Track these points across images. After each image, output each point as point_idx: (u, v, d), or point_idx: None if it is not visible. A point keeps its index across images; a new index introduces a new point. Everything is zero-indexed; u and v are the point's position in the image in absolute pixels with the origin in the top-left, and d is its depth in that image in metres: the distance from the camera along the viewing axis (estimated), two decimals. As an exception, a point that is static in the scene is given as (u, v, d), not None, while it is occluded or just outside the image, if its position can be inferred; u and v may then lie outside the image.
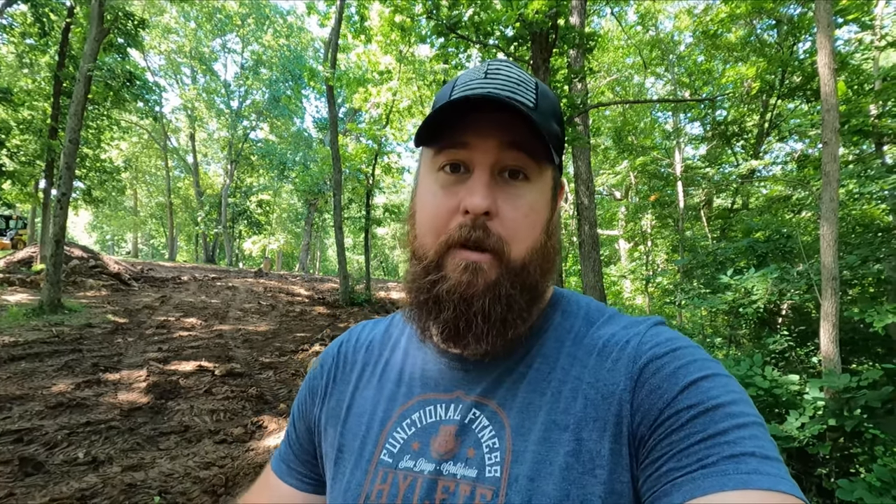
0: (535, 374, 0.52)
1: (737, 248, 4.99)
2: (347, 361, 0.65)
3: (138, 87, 9.25)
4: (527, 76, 0.54)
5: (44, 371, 5.01)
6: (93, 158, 14.23)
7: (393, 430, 0.55)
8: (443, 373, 0.57)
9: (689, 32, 14.95)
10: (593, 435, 0.46)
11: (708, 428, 0.41)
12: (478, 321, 0.49)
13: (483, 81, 0.52)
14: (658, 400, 0.44)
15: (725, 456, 0.39)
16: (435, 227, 0.52)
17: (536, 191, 0.52)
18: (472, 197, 0.49)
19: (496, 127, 0.50)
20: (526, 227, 0.51)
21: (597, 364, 0.50)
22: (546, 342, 0.54)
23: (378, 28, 11.81)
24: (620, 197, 18.40)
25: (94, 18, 7.50)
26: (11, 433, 3.54)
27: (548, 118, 0.52)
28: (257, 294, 11.99)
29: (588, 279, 8.81)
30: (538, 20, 6.08)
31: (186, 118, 27.99)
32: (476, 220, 0.49)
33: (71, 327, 6.86)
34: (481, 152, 0.50)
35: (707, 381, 0.44)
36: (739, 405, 0.42)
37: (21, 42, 12.53)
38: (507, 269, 0.50)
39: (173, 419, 4.06)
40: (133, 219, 33.50)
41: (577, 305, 0.58)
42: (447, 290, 0.50)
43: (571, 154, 9.55)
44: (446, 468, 0.50)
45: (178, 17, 25.17)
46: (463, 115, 0.50)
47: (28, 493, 2.77)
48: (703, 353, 0.48)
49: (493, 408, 0.52)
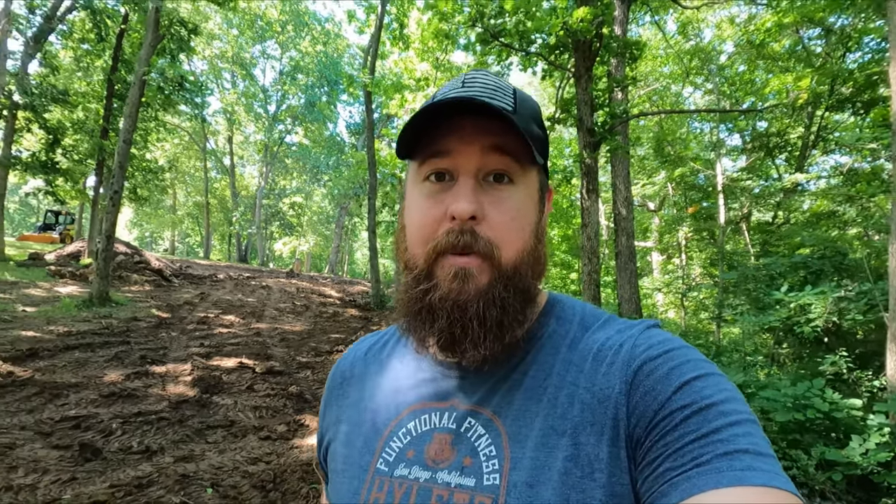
0: (531, 381, 0.52)
1: (788, 263, 4.82)
2: (345, 378, 0.66)
3: (188, 90, 9.61)
4: (504, 83, 0.54)
5: (96, 361, 5.22)
6: (139, 158, 14.84)
7: (389, 439, 0.55)
8: (438, 382, 0.57)
9: (731, 42, 14.62)
10: (591, 439, 0.46)
11: (702, 427, 0.41)
12: (474, 326, 0.49)
13: (461, 90, 0.52)
14: (653, 402, 0.44)
15: (719, 454, 0.39)
16: (423, 236, 0.52)
17: (522, 193, 0.52)
18: (458, 202, 0.49)
19: (477, 132, 0.50)
20: (514, 229, 0.51)
21: (592, 369, 0.50)
22: (541, 349, 0.54)
23: (417, 35, 11.96)
24: (654, 208, 18.04)
25: (151, 25, 7.84)
26: (70, 419, 3.69)
27: (528, 121, 0.52)
28: (290, 294, 12.21)
29: (624, 291, 8.65)
30: (582, 28, 6.05)
31: (225, 121, 28.89)
32: (463, 226, 0.49)
33: (119, 320, 7.13)
34: (464, 158, 0.50)
35: (700, 380, 0.44)
36: (732, 403, 0.43)
37: (78, 47, 13.19)
38: (498, 272, 0.50)
39: (218, 413, 4.17)
40: (171, 217, 34.69)
41: (571, 311, 0.58)
42: (440, 299, 0.50)
43: (610, 164, 9.43)
44: (441, 476, 0.50)
45: (221, 23, 26.07)
46: (442, 122, 0.50)
47: (89, 479, 2.88)
48: (697, 354, 0.48)
49: (487, 416, 0.51)
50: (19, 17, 10.70)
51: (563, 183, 9.51)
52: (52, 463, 3.03)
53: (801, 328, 3.73)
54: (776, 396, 3.50)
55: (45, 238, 20.85)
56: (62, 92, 11.48)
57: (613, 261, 10.44)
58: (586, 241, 6.44)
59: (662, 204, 17.64)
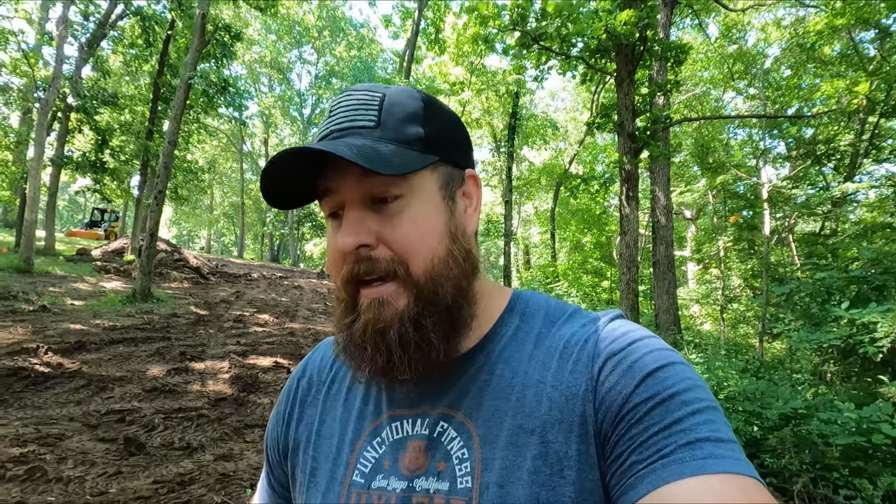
0: (499, 381, 0.51)
1: (846, 277, 4.56)
2: (313, 382, 0.64)
3: (231, 93, 9.88)
4: (370, 95, 0.52)
5: (138, 356, 5.37)
6: (181, 159, 15.35)
7: (363, 449, 0.55)
8: (407, 389, 0.55)
9: (777, 45, 14.10)
10: (559, 437, 0.46)
11: (665, 418, 0.41)
12: (396, 348, 0.49)
13: (327, 121, 0.52)
14: (617, 396, 0.45)
15: (682, 444, 0.40)
16: (336, 271, 0.52)
17: (415, 202, 0.50)
18: (341, 237, 0.49)
19: (347, 162, 0.47)
20: (415, 241, 0.49)
21: (559, 366, 0.49)
22: (507, 346, 0.53)
23: (452, 40, 11.97)
24: (691, 216, 17.51)
25: (197, 30, 8.10)
26: (115, 412, 3.79)
27: (398, 127, 0.50)
28: (322, 295, 12.37)
29: (661, 301, 8.39)
30: (626, 31, 5.91)
31: (262, 124, 29.62)
32: (358, 255, 0.49)
33: (160, 316, 7.34)
34: (346, 190, 0.50)
35: (662, 371, 0.44)
36: (694, 391, 0.43)
37: (127, 52, 13.76)
38: (410, 289, 0.49)
39: (255, 412, 4.21)
40: (208, 216, 35.79)
41: (536, 306, 0.57)
42: (361, 330, 0.50)
43: (649, 171, 9.19)
44: (418, 484, 0.50)
45: (260, 29, 26.80)
46: (324, 160, 0.50)
47: (133, 473, 2.93)
48: (659, 343, 0.48)
49: (459, 419, 0.51)
50: (75, 23, 11.26)
51: (601, 189, 9.30)
52: (99, 456, 3.10)
53: (864, 347, 3.50)
54: (836, 418, 3.29)
55: (92, 234, 21.80)
56: (112, 95, 11.98)
57: (648, 270, 10.16)
58: (625, 248, 6.26)
59: (699, 212, 17.10)
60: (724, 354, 5.06)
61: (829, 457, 3.20)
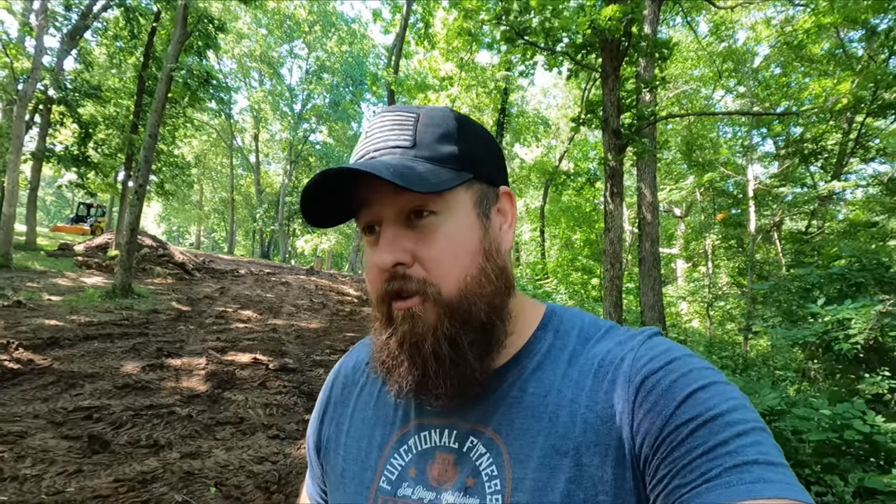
0: (531, 399, 0.51)
1: (824, 274, 4.55)
2: (347, 384, 0.66)
3: (214, 86, 9.74)
4: (406, 115, 0.53)
5: (113, 352, 5.27)
6: (167, 154, 15.15)
7: (391, 455, 0.55)
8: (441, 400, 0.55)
9: (767, 44, 14.13)
10: (595, 460, 0.45)
11: (709, 440, 0.40)
12: (430, 365, 0.49)
13: (363, 142, 0.53)
14: (657, 418, 0.43)
15: (728, 467, 0.38)
16: (373, 288, 0.52)
17: (450, 220, 0.50)
18: (379, 254, 0.49)
19: (383, 180, 0.48)
20: (448, 260, 0.49)
21: (593, 386, 0.48)
22: (541, 364, 0.53)
23: (442, 35, 11.89)
24: (680, 214, 17.57)
25: (179, 21, 7.96)
26: (83, 410, 3.70)
27: (432, 146, 0.51)
28: (309, 291, 12.27)
29: (647, 298, 8.39)
30: (611, 27, 5.87)
31: (252, 119, 29.36)
32: (394, 273, 0.49)
33: (139, 311, 7.23)
34: (381, 206, 0.50)
35: (704, 391, 0.43)
36: (739, 412, 0.41)
37: (112, 44, 13.53)
38: (442, 307, 0.49)
39: (229, 409, 4.13)
40: (197, 212, 35.46)
41: (570, 322, 0.56)
42: (398, 343, 0.50)
43: (636, 168, 9.18)
44: (445, 497, 0.50)
45: (250, 23, 26.51)
46: (355, 180, 0.51)
47: (94, 472, 2.86)
48: (699, 362, 0.47)
49: (489, 435, 0.51)
50: (56, 13, 11.04)
51: (587, 186, 9.28)
52: (61, 454, 3.02)
53: (839, 344, 3.49)
54: (811, 415, 3.28)
55: (77, 230, 21.52)
56: (95, 87, 11.77)
57: (636, 267, 10.16)
58: (609, 245, 6.24)
59: (689, 210, 17.17)
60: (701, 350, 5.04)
61: (801, 453, 3.19)
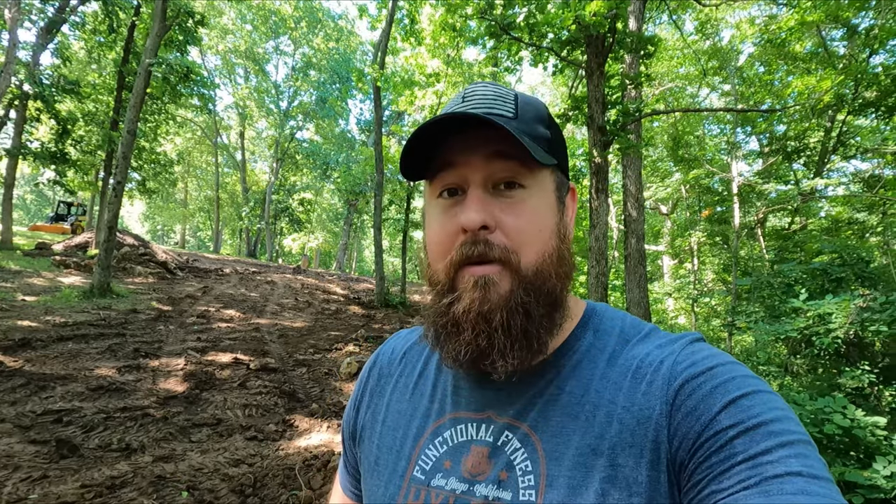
0: (568, 398, 0.50)
1: (806, 270, 4.57)
2: (383, 374, 0.66)
3: (194, 82, 9.55)
4: (505, 90, 0.54)
5: (88, 353, 5.13)
6: (149, 151, 14.86)
7: (426, 446, 0.55)
8: (474, 391, 0.56)
9: (751, 42, 14.26)
10: (630, 461, 0.44)
11: (750, 448, 0.39)
12: (499, 336, 0.48)
13: (461, 105, 0.52)
14: (696, 422, 0.43)
15: (769, 476, 0.37)
16: (441, 251, 0.52)
17: (536, 196, 0.51)
18: (466, 213, 0.49)
19: (480, 143, 0.50)
20: (531, 232, 0.50)
21: (631, 387, 0.48)
22: (579, 363, 0.52)
23: (429, 31, 11.79)
24: (667, 211, 17.70)
25: (157, 15, 7.77)
26: (52, 413, 3.58)
27: (531, 123, 0.52)
28: (295, 290, 12.13)
29: (633, 294, 8.41)
30: (595, 22, 5.84)
31: (237, 116, 28.98)
32: (476, 236, 0.49)
33: (117, 311, 7.07)
34: (470, 170, 0.50)
35: (747, 398, 0.42)
36: (783, 423, 0.40)
37: (91, 38, 13.23)
38: (519, 277, 0.49)
39: (207, 411, 4.04)
40: (182, 211, 34.94)
41: (611, 322, 0.56)
42: (463, 310, 0.49)
43: (621, 165, 9.19)
44: (478, 489, 0.49)
45: (235, 18, 26.14)
46: (446, 139, 0.51)
47: (61, 477, 2.76)
48: (744, 370, 0.46)
49: (524, 430, 0.51)
50: (32, 6, 10.73)
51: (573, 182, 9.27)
52: (26, 459, 2.91)
53: (819, 339, 3.50)
54: (794, 411, 3.28)
55: (57, 229, 21.06)
56: (72, 83, 11.49)
57: (623, 264, 10.19)
58: (594, 242, 6.22)
59: (675, 207, 17.30)
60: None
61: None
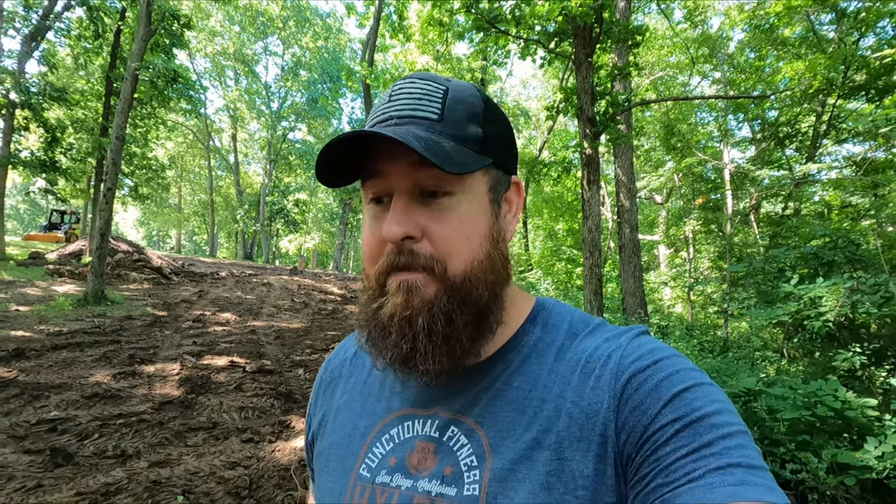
0: (515, 392, 0.50)
1: (799, 254, 4.59)
2: (334, 376, 0.67)
3: (181, 85, 9.49)
4: (434, 86, 0.52)
5: (83, 361, 5.11)
6: (140, 156, 14.78)
7: (372, 444, 0.55)
8: (421, 388, 0.56)
9: (740, 29, 14.25)
10: (577, 455, 0.45)
11: (693, 441, 0.40)
12: (421, 340, 0.48)
13: (387, 104, 0.51)
14: (642, 416, 0.43)
15: (712, 468, 0.38)
16: (372, 256, 0.52)
17: (464, 201, 0.50)
18: (388, 225, 0.48)
19: (404, 151, 0.48)
20: (458, 240, 0.49)
21: (580, 381, 0.48)
22: (527, 357, 0.53)
23: (417, 27, 11.75)
24: (661, 201, 17.72)
25: (142, 19, 7.71)
26: (47, 422, 3.57)
27: (460, 124, 0.50)
28: (291, 291, 12.11)
29: (628, 285, 8.43)
30: (582, 13, 5.82)
31: (229, 119, 28.84)
32: (401, 247, 0.49)
33: (112, 318, 7.04)
34: (395, 178, 0.50)
35: (690, 391, 0.43)
36: (724, 415, 0.42)
37: (77, 45, 13.12)
38: (444, 285, 0.49)
39: (202, 415, 4.03)
40: (177, 216, 34.80)
41: (559, 317, 0.56)
42: (389, 314, 0.50)
43: (612, 155, 9.18)
44: (422, 485, 0.49)
45: (223, 20, 25.97)
46: (374, 144, 0.50)
47: (56, 486, 2.75)
48: (686, 363, 0.47)
49: (470, 425, 0.51)
50: (15, 14, 10.62)
51: (564, 175, 9.27)
52: (21, 469, 2.90)
53: (811, 323, 3.51)
54: (787, 394, 3.29)
55: (51, 237, 20.93)
56: (60, 90, 11.40)
57: (618, 254, 10.20)
58: (587, 233, 6.23)
59: (669, 196, 17.32)
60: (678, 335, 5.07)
61: (776, 432, 3.20)
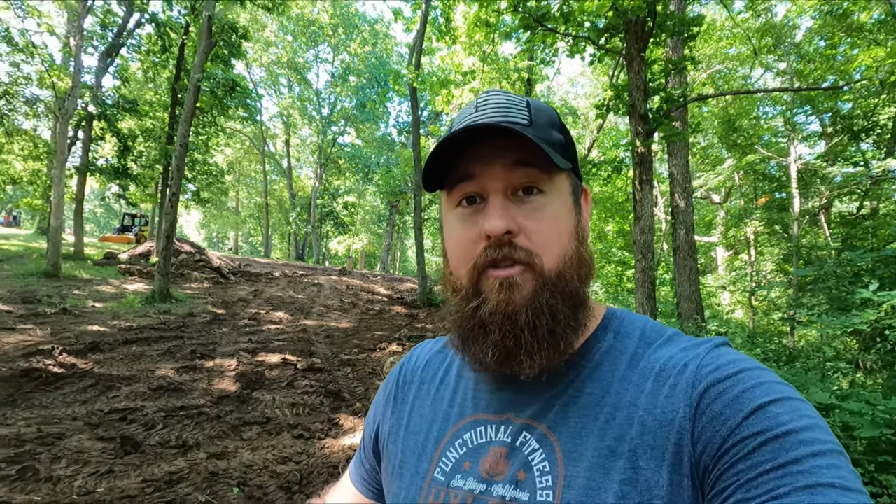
0: (588, 399, 0.50)
1: (878, 257, 4.21)
2: (406, 381, 0.68)
3: (239, 93, 9.97)
4: (517, 98, 0.55)
5: (150, 355, 5.45)
6: (202, 162, 15.67)
7: (446, 448, 0.56)
8: (493, 394, 0.57)
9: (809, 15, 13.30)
10: (651, 464, 0.44)
11: (778, 456, 0.38)
12: (525, 336, 0.49)
13: (475, 115, 0.53)
14: (721, 427, 0.42)
15: (799, 487, 0.36)
16: (464, 257, 0.53)
17: (555, 200, 0.52)
18: (489, 220, 0.50)
19: (497, 152, 0.51)
20: (552, 236, 0.51)
21: (654, 389, 0.47)
22: (600, 364, 0.53)
23: (463, 29, 11.76)
24: (719, 200, 16.83)
25: (204, 32, 8.17)
26: (118, 412, 3.83)
27: (545, 129, 0.53)
28: (340, 292, 12.43)
29: (683, 288, 8.05)
30: (634, 7, 5.62)
31: (282, 125, 30.04)
32: (500, 241, 0.50)
33: (176, 315, 7.48)
34: (490, 178, 0.51)
35: (775, 405, 0.41)
36: (814, 431, 0.39)
37: (146, 59, 14.08)
38: (542, 279, 0.50)
39: (257, 409, 4.20)
40: (234, 218, 36.61)
41: (631, 325, 0.56)
42: (490, 313, 0.50)
43: (667, 153, 8.82)
44: (496, 490, 0.50)
45: (277, 31, 27.10)
46: (463, 150, 0.52)
47: (125, 472, 2.94)
48: (772, 376, 0.45)
49: (542, 431, 0.51)
50: (94, 33, 11.56)
51: (614, 174, 8.99)
52: (95, 455, 3.12)
53: (894, 332, 3.21)
54: (864, 410, 3.02)
55: (123, 239, 22.58)
56: (131, 102, 12.27)
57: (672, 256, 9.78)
58: (639, 235, 5.99)
59: (728, 195, 16.42)
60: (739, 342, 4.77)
61: (853, 451, 2.94)
